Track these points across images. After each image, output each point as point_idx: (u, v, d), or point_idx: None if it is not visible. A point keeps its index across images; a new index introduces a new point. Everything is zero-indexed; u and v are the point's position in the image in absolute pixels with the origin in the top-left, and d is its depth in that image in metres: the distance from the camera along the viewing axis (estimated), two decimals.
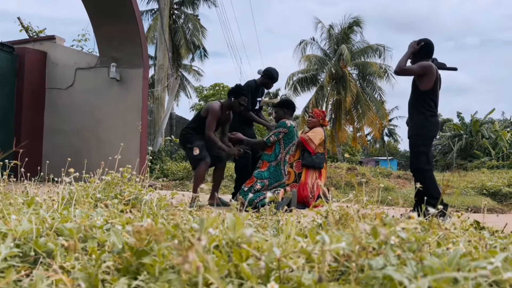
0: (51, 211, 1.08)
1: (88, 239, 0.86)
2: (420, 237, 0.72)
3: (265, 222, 1.82)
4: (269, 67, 5.16)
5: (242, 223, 0.84)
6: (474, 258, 0.72)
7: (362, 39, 24.83)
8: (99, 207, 1.02)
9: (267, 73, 5.09)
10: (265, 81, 5.11)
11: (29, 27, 9.42)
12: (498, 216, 3.74)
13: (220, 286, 0.56)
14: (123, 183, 1.68)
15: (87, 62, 7.38)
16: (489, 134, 30.85)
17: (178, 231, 0.82)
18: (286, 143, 4.44)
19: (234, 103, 4.65)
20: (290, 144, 4.47)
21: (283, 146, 4.42)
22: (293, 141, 4.53)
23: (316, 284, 0.60)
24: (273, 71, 5.12)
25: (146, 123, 7.47)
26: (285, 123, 4.45)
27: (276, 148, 4.45)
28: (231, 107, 4.70)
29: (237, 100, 4.63)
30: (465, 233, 1.08)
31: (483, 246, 0.85)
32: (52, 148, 7.30)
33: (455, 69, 4.11)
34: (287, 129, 4.42)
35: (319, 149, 5.19)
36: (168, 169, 9.59)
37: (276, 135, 4.44)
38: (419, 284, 0.60)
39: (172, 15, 22.01)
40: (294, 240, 0.81)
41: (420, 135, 3.80)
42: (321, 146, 5.24)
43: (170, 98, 10.26)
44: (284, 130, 4.42)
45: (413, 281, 0.56)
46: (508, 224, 1.96)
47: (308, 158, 5.11)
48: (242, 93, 4.64)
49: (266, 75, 5.09)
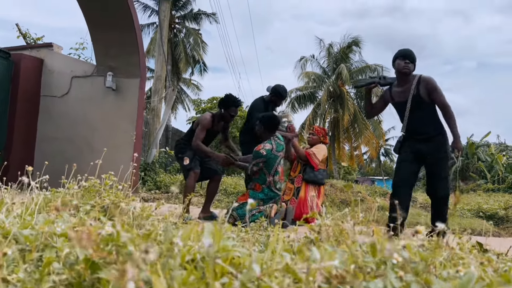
0: (12, 217, 0.98)
1: (46, 248, 0.76)
2: (427, 257, 0.62)
3: (255, 237, 1.71)
4: (278, 85, 5.09)
5: (222, 235, 0.73)
6: (488, 283, 0.62)
7: (360, 59, 25.03)
8: (65, 214, 0.91)
9: (275, 91, 5.01)
10: (274, 99, 5.04)
11: (27, 34, 9.38)
12: (496, 239, 3.64)
13: None
14: (104, 191, 1.58)
15: (83, 71, 7.31)
16: (485, 157, 30.89)
17: (149, 242, 0.72)
18: (269, 168, 4.22)
19: (224, 114, 4.59)
20: (274, 165, 4.25)
21: (267, 172, 4.23)
22: (277, 160, 4.29)
23: None
24: (281, 88, 5.05)
25: (140, 133, 7.37)
26: (260, 153, 4.18)
27: (261, 174, 4.27)
28: (222, 117, 4.62)
29: (227, 111, 4.56)
30: (470, 255, 0.98)
31: (496, 269, 0.75)
32: (44, 156, 7.15)
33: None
34: (264, 158, 4.19)
35: (322, 165, 5.11)
36: (161, 181, 9.45)
37: (256, 165, 4.23)
38: None
39: (173, 29, 22.12)
40: (280, 256, 0.71)
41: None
42: (324, 163, 5.15)
43: (166, 109, 10.18)
44: (262, 160, 4.20)
45: None
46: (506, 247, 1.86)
47: (311, 173, 5.00)
48: (230, 104, 4.56)
49: (274, 93, 5.02)
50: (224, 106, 4.59)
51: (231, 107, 4.57)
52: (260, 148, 4.23)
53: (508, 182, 23.25)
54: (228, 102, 4.57)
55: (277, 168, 4.27)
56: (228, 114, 4.60)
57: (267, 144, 4.25)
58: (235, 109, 4.60)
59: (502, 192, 20.53)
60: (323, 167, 5.17)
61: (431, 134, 3.48)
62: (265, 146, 4.23)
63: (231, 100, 4.58)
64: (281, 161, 4.38)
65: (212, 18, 22.49)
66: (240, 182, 10.17)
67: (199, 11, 22.77)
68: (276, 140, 4.36)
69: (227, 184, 9.86)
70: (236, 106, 4.60)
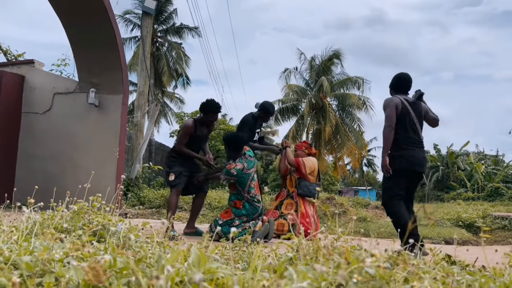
0: (9, 243, 1.04)
1: (45, 274, 0.82)
2: (386, 274, 0.71)
3: (238, 254, 1.79)
4: (265, 101, 5.19)
5: (207, 258, 0.81)
6: None
7: (342, 71, 25.44)
8: (57, 240, 0.98)
9: (263, 108, 5.10)
10: (262, 115, 5.12)
11: (7, 51, 9.33)
12: (475, 248, 3.77)
13: None
14: (93, 212, 1.63)
15: (65, 87, 7.31)
16: (465, 166, 31.62)
17: (141, 266, 0.79)
18: (243, 186, 4.33)
19: (204, 118, 4.66)
20: (247, 182, 4.34)
21: (241, 189, 4.34)
22: (249, 177, 4.37)
23: None
24: (269, 105, 5.15)
25: (123, 149, 7.37)
26: (230, 172, 4.29)
27: (236, 190, 4.38)
28: (202, 122, 4.70)
29: (206, 116, 4.63)
30: (435, 268, 1.08)
31: (450, 284, 0.85)
32: (25, 173, 7.10)
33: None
34: (234, 177, 4.29)
35: (312, 178, 5.19)
36: (145, 196, 9.42)
37: (227, 181, 4.37)
38: None
39: (156, 43, 22.19)
40: (261, 276, 0.80)
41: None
42: (313, 176, 5.24)
43: (150, 124, 10.19)
44: (233, 178, 4.31)
45: None
46: (480, 257, 1.97)
47: (305, 187, 5.08)
48: (209, 109, 4.61)
49: (262, 110, 5.10)
50: (203, 111, 4.64)
51: (209, 113, 4.61)
52: (232, 167, 4.32)
53: (487, 190, 23.85)
54: (207, 108, 4.62)
55: (250, 184, 4.37)
56: (207, 119, 4.64)
57: (238, 164, 4.35)
58: (214, 114, 4.64)
59: (481, 200, 21.03)
60: (314, 180, 5.25)
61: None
62: (236, 166, 4.33)
63: (210, 105, 4.61)
64: (254, 176, 4.47)
65: (194, 31, 22.66)
66: (224, 196, 10.20)
67: (181, 25, 22.94)
68: (247, 158, 4.45)
69: (212, 198, 9.89)
70: (215, 112, 4.63)
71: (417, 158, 3.72)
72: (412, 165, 3.71)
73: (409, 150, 3.72)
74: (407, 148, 3.72)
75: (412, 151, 3.72)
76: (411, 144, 3.73)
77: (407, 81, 3.92)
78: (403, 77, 3.94)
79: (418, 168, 3.76)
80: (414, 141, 3.74)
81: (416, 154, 3.72)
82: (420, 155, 3.76)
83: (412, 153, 3.72)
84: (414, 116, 3.74)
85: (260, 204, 4.43)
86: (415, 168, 3.73)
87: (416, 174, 3.81)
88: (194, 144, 4.73)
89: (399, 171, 3.68)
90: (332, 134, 23.59)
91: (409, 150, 3.72)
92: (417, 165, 3.73)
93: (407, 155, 3.70)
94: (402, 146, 3.71)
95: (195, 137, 4.67)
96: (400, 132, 3.71)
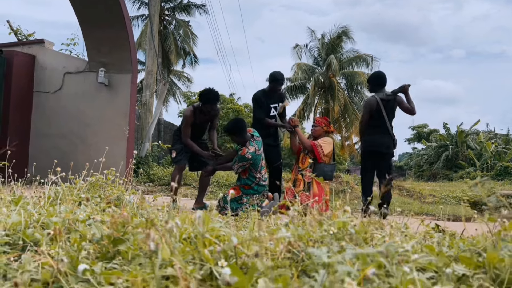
0: (38, 208, 1.17)
1: (71, 232, 0.95)
2: (360, 230, 0.83)
3: (242, 224, 1.93)
4: (273, 71, 5.16)
5: (210, 219, 0.94)
6: (398, 245, 0.83)
7: (351, 48, 25.18)
8: (83, 205, 1.11)
9: (270, 77, 5.09)
10: (272, 85, 5.07)
11: (18, 30, 9.43)
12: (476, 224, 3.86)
13: (182, 266, 0.66)
14: (107, 185, 1.77)
15: (75, 67, 7.43)
16: (474, 145, 31.42)
17: (152, 224, 0.92)
18: (256, 167, 4.38)
19: (202, 108, 4.65)
20: (259, 163, 4.39)
21: (254, 170, 4.38)
22: (261, 157, 4.43)
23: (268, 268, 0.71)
24: (276, 73, 5.12)
25: (133, 127, 7.53)
26: (246, 158, 4.30)
27: (250, 173, 4.41)
28: (201, 111, 4.69)
29: (204, 106, 4.63)
30: (417, 233, 1.20)
31: (421, 241, 0.97)
32: (38, 151, 7.31)
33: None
34: (249, 161, 4.32)
35: (327, 159, 4.97)
36: (155, 174, 9.63)
37: (242, 167, 4.37)
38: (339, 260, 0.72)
39: (163, 21, 22.12)
40: (256, 234, 0.92)
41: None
42: (329, 157, 5.02)
43: (158, 103, 10.32)
44: (248, 163, 4.33)
45: (344, 263, 0.68)
46: (471, 230, 2.08)
47: (320, 170, 4.87)
48: (205, 101, 4.60)
49: (270, 79, 5.08)
50: (202, 101, 4.65)
51: (207, 104, 4.60)
52: (245, 152, 4.33)
53: (496, 169, 23.77)
54: (205, 98, 4.61)
55: (261, 164, 4.46)
56: (205, 109, 4.63)
57: (251, 147, 4.36)
58: (210, 105, 4.60)
59: (490, 179, 20.98)
60: (329, 161, 5.08)
61: None
62: (249, 150, 4.34)
63: (206, 97, 4.60)
64: (263, 155, 4.53)
65: (201, 9, 22.52)
66: (232, 174, 10.38)
67: (189, 3, 22.79)
68: (256, 139, 4.49)
69: (220, 175, 10.07)
70: (213, 103, 4.60)
71: (378, 142, 4.75)
72: (373, 147, 4.79)
73: (372, 136, 4.79)
74: (371, 134, 4.80)
75: (373, 137, 4.78)
76: (377, 132, 4.76)
77: (383, 79, 4.99)
78: (380, 76, 5.04)
79: (379, 149, 4.76)
80: (379, 129, 4.75)
81: (377, 139, 4.76)
82: (383, 140, 4.77)
83: (373, 138, 4.78)
84: (384, 111, 4.75)
85: (266, 182, 4.54)
86: (376, 149, 4.75)
87: (380, 154, 4.78)
88: (196, 132, 4.77)
89: (365, 153, 4.95)
90: (341, 113, 23.56)
91: (372, 136, 4.79)
92: (377, 147, 4.75)
93: (369, 140, 4.83)
94: (370, 133, 4.83)
95: (196, 125, 4.70)
96: (372, 123, 4.79)
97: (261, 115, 5.02)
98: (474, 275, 0.75)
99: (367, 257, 0.70)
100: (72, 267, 0.76)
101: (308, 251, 0.74)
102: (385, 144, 4.79)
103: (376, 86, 4.98)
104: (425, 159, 31.11)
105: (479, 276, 0.75)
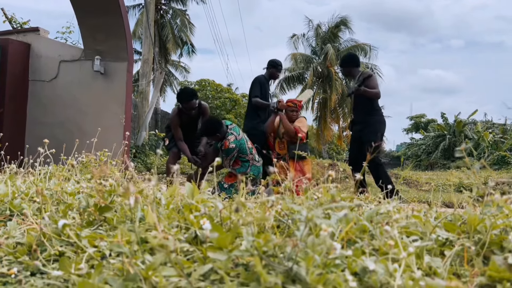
0: (27, 183, 1.18)
1: (60, 204, 0.96)
2: (346, 198, 0.84)
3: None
4: (271, 59, 5.33)
5: (198, 191, 0.94)
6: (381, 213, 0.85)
7: (350, 38, 25.09)
8: (72, 179, 1.11)
9: (269, 63, 5.24)
10: (271, 72, 5.22)
11: (12, 18, 9.35)
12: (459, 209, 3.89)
13: (167, 230, 0.67)
14: (100, 165, 1.77)
15: (71, 55, 7.39)
16: (472, 135, 31.50)
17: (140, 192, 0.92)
18: (244, 151, 4.38)
19: (182, 108, 4.64)
20: (246, 145, 4.40)
21: (244, 154, 4.37)
22: (245, 140, 4.44)
23: (253, 234, 0.71)
24: (274, 60, 5.30)
25: (129, 116, 7.51)
26: (231, 149, 4.33)
27: (241, 161, 4.40)
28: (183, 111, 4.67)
29: (182, 106, 4.61)
30: (408, 207, 1.21)
31: (404, 211, 0.98)
32: (34, 139, 7.28)
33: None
34: (235, 149, 4.33)
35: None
36: (152, 163, 9.64)
37: (232, 158, 4.37)
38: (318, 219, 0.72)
39: (160, 10, 21.91)
40: (243, 204, 0.92)
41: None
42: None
43: (155, 92, 10.28)
44: (235, 151, 4.34)
45: (326, 223, 0.68)
46: None
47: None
48: (179, 99, 4.62)
49: (270, 65, 5.23)
50: (178, 101, 4.66)
51: (182, 103, 4.60)
52: (228, 144, 4.33)
53: (494, 158, 23.88)
54: (178, 98, 4.64)
55: (249, 145, 4.45)
56: (184, 108, 4.62)
57: (230, 137, 4.36)
58: (186, 103, 4.57)
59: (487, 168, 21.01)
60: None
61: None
62: (230, 140, 4.34)
63: (180, 97, 4.61)
64: (246, 137, 4.51)
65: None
66: None
67: None
68: (231, 128, 4.47)
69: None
70: (186, 100, 4.57)
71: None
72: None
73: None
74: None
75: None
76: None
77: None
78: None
79: (354, 134, 5.02)
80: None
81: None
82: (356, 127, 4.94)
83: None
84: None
85: (260, 162, 4.54)
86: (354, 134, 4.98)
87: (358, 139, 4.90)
88: (186, 130, 4.76)
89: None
90: (338, 103, 23.54)
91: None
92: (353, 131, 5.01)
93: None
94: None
95: (184, 124, 4.71)
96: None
97: (257, 93, 5.07)
98: (457, 240, 0.76)
99: (352, 222, 0.71)
100: (57, 231, 0.76)
101: (293, 217, 0.75)
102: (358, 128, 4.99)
103: (357, 66, 5.19)
104: (423, 149, 31.22)
105: (462, 241, 0.76)
